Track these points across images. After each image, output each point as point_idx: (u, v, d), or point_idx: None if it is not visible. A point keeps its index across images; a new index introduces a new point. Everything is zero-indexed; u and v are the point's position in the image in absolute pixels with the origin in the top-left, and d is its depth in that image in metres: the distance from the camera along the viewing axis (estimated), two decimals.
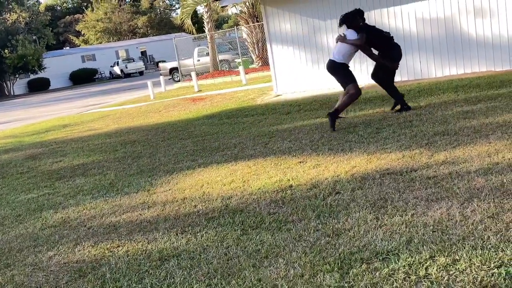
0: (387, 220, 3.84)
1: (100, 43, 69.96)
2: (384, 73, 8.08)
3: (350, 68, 7.89)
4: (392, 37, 8.08)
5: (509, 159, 4.79)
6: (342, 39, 7.72)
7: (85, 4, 73.03)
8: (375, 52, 7.99)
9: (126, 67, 53.44)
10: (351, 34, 7.68)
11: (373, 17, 11.84)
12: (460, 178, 4.48)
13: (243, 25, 26.32)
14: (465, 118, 6.86)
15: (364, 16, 7.92)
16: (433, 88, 9.72)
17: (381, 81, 8.20)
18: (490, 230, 3.39)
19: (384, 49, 7.95)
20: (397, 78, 11.74)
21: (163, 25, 74.55)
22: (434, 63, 11.43)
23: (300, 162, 5.99)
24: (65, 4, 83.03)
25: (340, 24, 7.84)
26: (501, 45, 10.72)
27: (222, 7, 16.18)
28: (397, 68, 8.11)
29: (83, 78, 57.10)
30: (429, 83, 10.51)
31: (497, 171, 4.51)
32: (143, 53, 62.80)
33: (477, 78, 10.13)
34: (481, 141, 5.57)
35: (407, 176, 4.80)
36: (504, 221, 3.49)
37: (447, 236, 3.40)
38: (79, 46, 70.66)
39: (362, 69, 11.42)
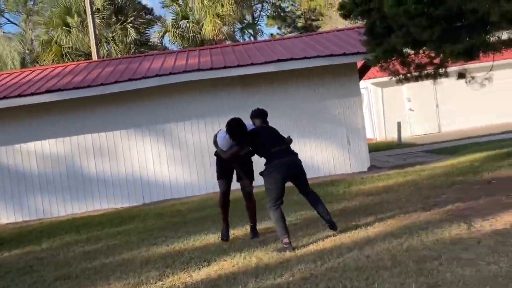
0: None
1: None
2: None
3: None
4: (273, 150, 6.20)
5: None
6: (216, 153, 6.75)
7: None
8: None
9: None
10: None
11: (4, 154, 11.19)
12: None
13: None
14: (87, 259, 6.80)
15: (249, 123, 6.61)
16: (55, 228, 9.47)
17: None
18: None
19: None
20: (18, 218, 11.19)
21: None
22: (56, 202, 11.29)
23: None
24: None
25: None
26: (120, 183, 11.39)
27: None
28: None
29: None
30: (52, 223, 10.26)
31: None
32: None
33: (100, 215, 10.39)
34: (102, 282, 5.56)
35: None
36: None
37: None
38: None
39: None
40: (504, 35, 7.97)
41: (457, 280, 4.22)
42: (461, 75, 9.01)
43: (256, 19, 45.63)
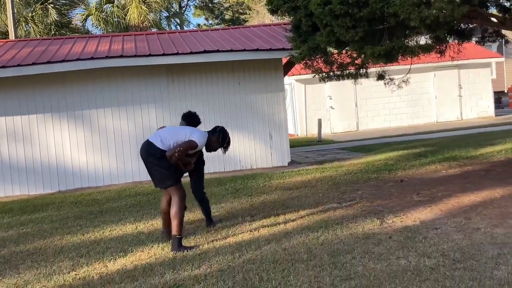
0: None
1: None
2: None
3: None
4: None
5: None
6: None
7: None
8: None
9: None
10: None
11: None
12: None
13: None
14: None
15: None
16: None
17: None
18: None
19: None
20: None
21: None
22: None
23: None
24: None
25: None
26: (34, 169, 10.91)
27: None
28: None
29: None
30: None
31: None
32: None
33: (11, 202, 9.92)
34: (11, 272, 5.31)
35: None
36: None
37: None
38: None
39: None
40: (422, 40, 8.34)
41: (368, 273, 4.39)
42: (380, 77, 9.34)
43: (183, 8, 45.18)
